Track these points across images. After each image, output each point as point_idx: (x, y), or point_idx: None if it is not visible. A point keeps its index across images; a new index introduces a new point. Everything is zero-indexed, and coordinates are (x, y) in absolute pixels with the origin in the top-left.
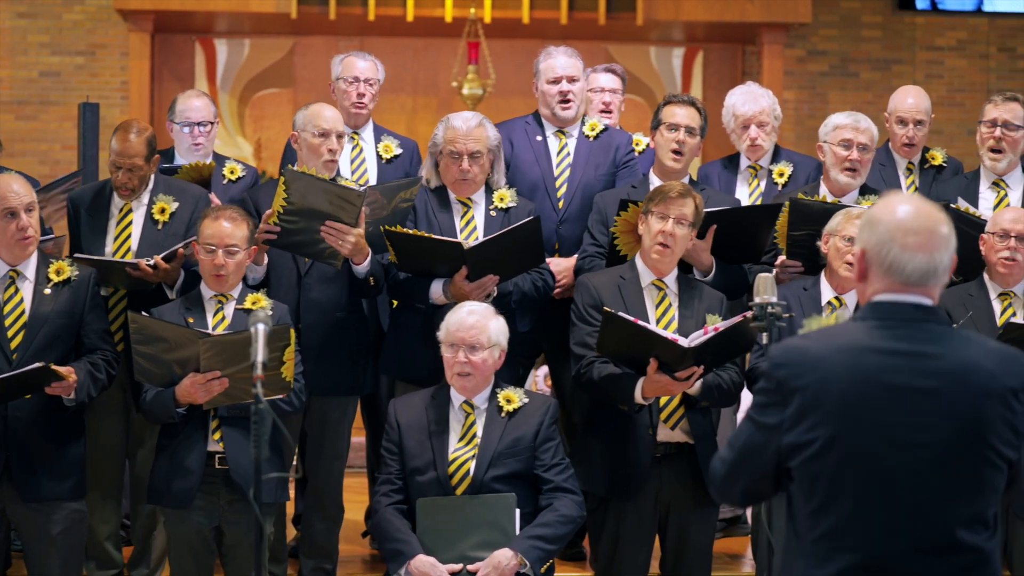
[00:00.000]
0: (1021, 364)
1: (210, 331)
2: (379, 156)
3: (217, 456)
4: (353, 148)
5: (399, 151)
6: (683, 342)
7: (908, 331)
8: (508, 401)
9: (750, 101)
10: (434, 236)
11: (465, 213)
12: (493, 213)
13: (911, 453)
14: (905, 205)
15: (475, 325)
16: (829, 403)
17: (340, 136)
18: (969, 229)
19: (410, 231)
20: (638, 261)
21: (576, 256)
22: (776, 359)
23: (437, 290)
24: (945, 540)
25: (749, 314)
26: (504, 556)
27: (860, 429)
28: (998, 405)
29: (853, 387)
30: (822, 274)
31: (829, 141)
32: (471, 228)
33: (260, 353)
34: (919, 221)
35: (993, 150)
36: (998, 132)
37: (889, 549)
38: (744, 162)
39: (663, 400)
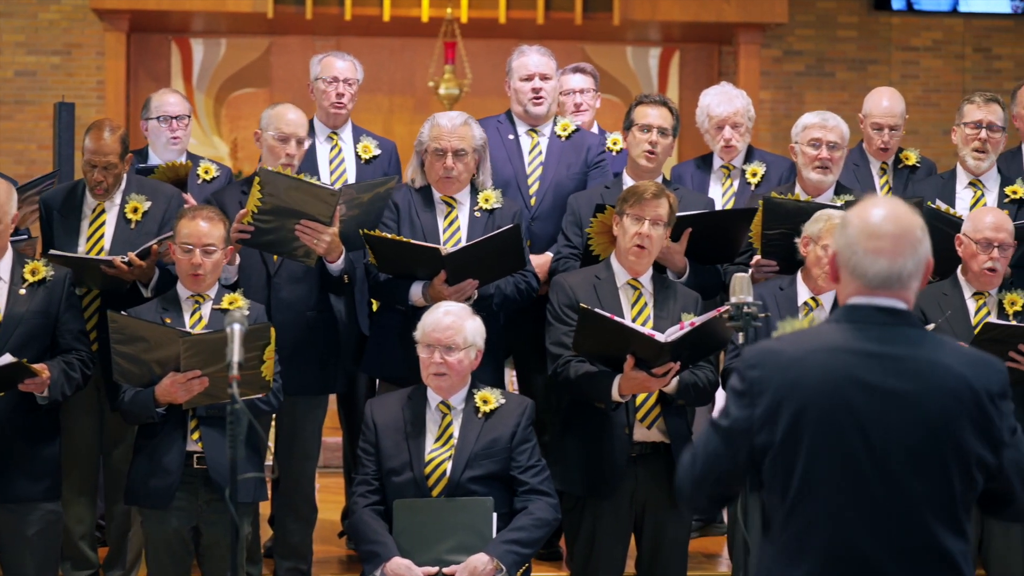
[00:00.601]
0: (996, 369)
1: (189, 331)
2: (358, 156)
3: (195, 456)
4: (332, 149)
5: (378, 152)
6: (660, 337)
7: (881, 333)
8: (485, 402)
9: (724, 102)
10: (412, 241)
11: (449, 213)
12: (478, 214)
13: (884, 453)
14: (878, 209)
15: (451, 326)
16: (801, 402)
17: (300, 141)
18: (946, 228)
19: (388, 235)
20: (613, 261)
21: (549, 253)
22: (748, 360)
23: (416, 292)
24: (919, 542)
25: (724, 309)
26: (480, 560)
27: (833, 428)
28: (972, 408)
29: (826, 386)
30: (798, 274)
31: (799, 141)
32: (454, 228)
33: (236, 353)
34: (886, 226)
35: (977, 151)
36: (983, 134)
37: (861, 548)
38: (717, 162)
39: (639, 399)
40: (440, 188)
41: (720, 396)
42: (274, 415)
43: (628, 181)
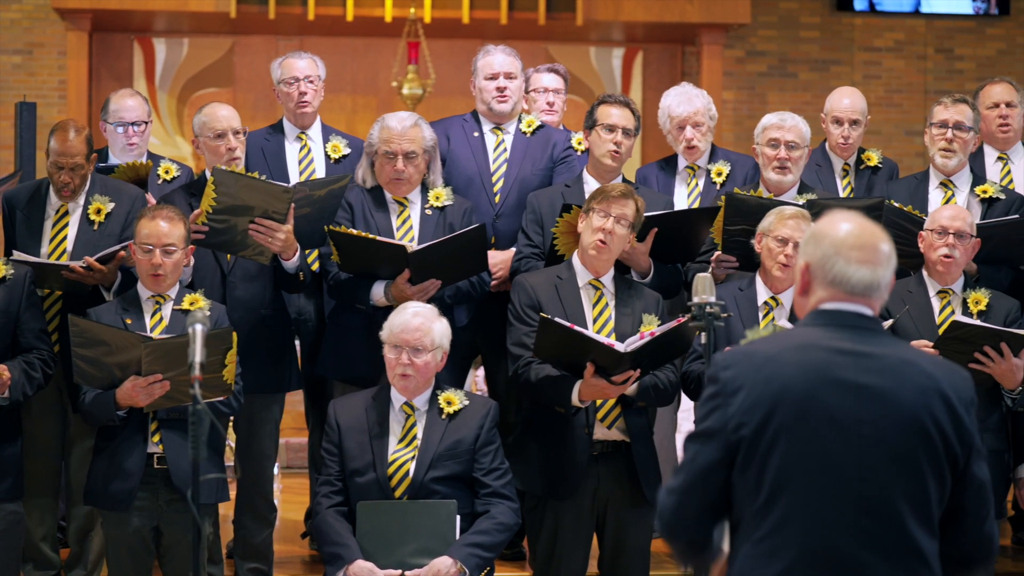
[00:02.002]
0: (964, 377)
1: (148, 332)
2: (327, 156)
3: (156, 457)
4: (301, 148)
5: (348, 151)
6: (619, 347)
7: (853, 334)
8: (449, 403)
9: (684, 102)
10: (379, 238)
11: (401, 212)
12: (429, 212)
13: (860, 449)
14: (848, 223)
15: (420, 327)
16: (776, 398)
17: (237, 132)
18: (909, 225)
19: (354, 232)
20: (575, 261)
21: (513, 249)
22: (721, 363)
23: (378, 292)
24: (895, 538)
25: (685, 318)
26: (444, 564)
27: (807, 422)
28: (944, 408)
29: (800, 382)
30: (757, 274)
31: (759, 142)
32: (407, 227)
33: (198, 354)
34: (863, 238)
35: (944, 149)
36: (949, 134)
37: (837, 545)
38: (682, 163)
39: (598, 403)
40: (391, 189)
41: (685, 401)
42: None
43: (589, 180)
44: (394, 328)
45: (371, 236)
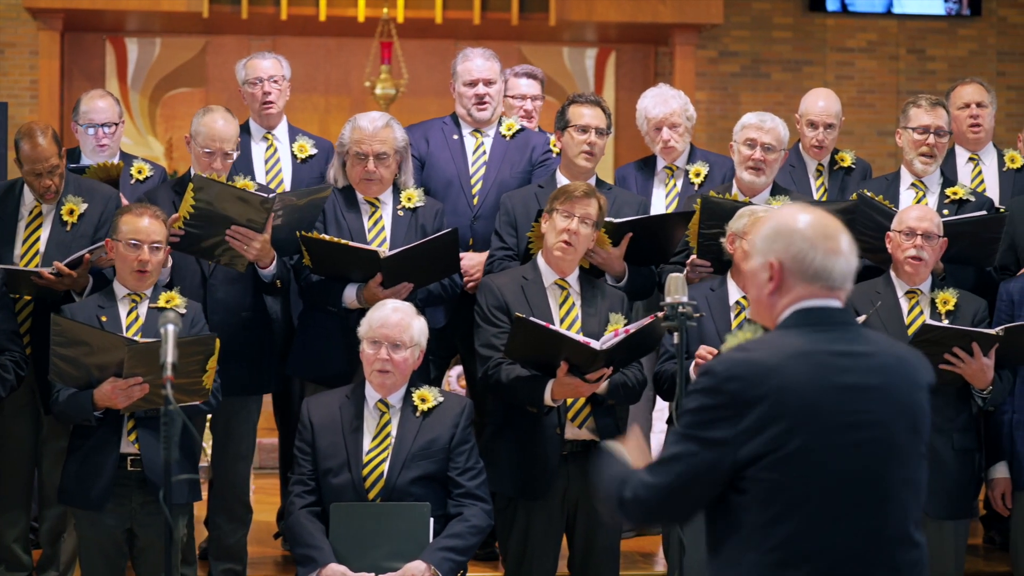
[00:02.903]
0: (927, 363)
1: (124, 329)
2: (294, 156)
3: (130, 458)
4: (267, 148)
5: (314, 151)
6: (595, 345)
7: (841, 333)
8: (423, 400)
9: (661, 103)
10: (351, 244)
11: (373, 213)
12: (400, 213)
13: (869, 451)
14: (807, 214)
15: (399, 323)
16: (792, 409)
17: (227, 155)
18: (880, 217)
19: (326, 238)
20: (540, 261)
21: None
22: (723, 373)
23: (351, 295)
24: (900, 536)
25: (658, 315)
26: (417, 568)
27: (824, 432)
28: (925, 396)
29: (812, 391)
30: (728, 275)
31: (737, 140)
32: (379, 228)
33: (170, 355)
34: (829, 228)
35: (925, 155)
36: (931, 139)
37: (854, 551)
38: (660, 163)
39: (568, 401)
40: (362, 190)
41: (659, 401)
42: (209, 416)
43: (562, 181)
44: (373, 324)
45: (343, 242)
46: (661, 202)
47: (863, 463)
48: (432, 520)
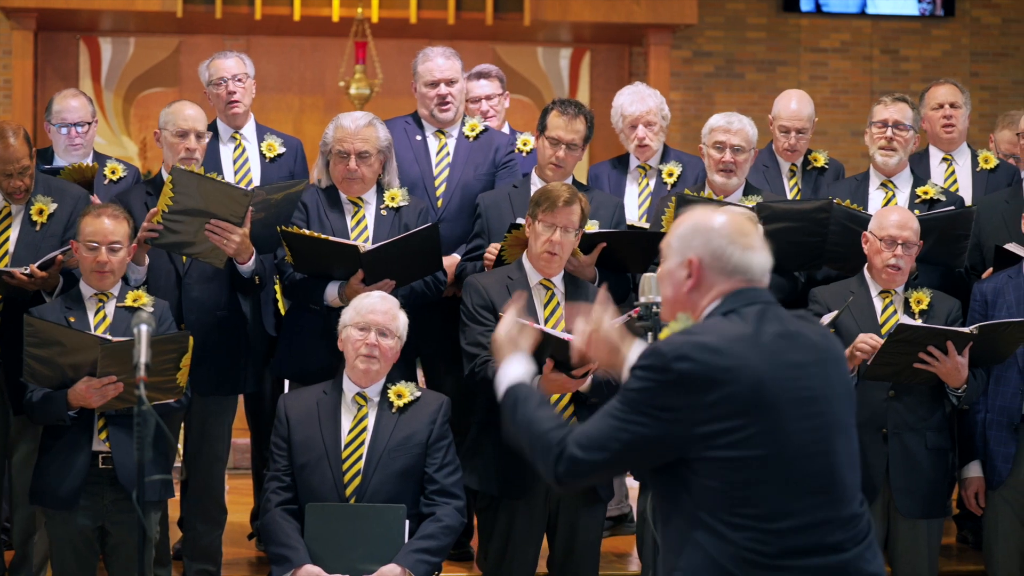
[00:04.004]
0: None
1: (92, 329)
2: (262, 155)
3: (101, 456)
4: (236, 148)
5: (283, 149)
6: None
7: (773, 313)
8: (399, 396)
9: (637, 101)
10: (331, 239)
11: (356, 212)
12: (384, 212)
13: (820, 423)
14: (720, 214)
15: (388, 311)
16: (746, 390)
17: (200, 135)
18: (855, 226)
19: (307, 232)
20: (525, 261)
21: (456, 255)
22: (671, 353)
23: (332, 292)
24: (851, 510)
25: (632, 314)
26: (392, 572)
27: (779, 410)
28: (847, 369)
29: (765, 371)
30: None
31: (706, 143)
32: (362, 227)
33: (143, 355)
34: (743, 225)
35: (884, 148)
36: (889, 132)
37: (815, 522)
38: (633, 162)
39: (553, 399)
40: (345, 189)
41: None
42: (183, 417)
43: (536, 181)
44: (361, 309)
45: (324, 236)
46: (634, 201)
47: (817, 437)
48: (407, 522)
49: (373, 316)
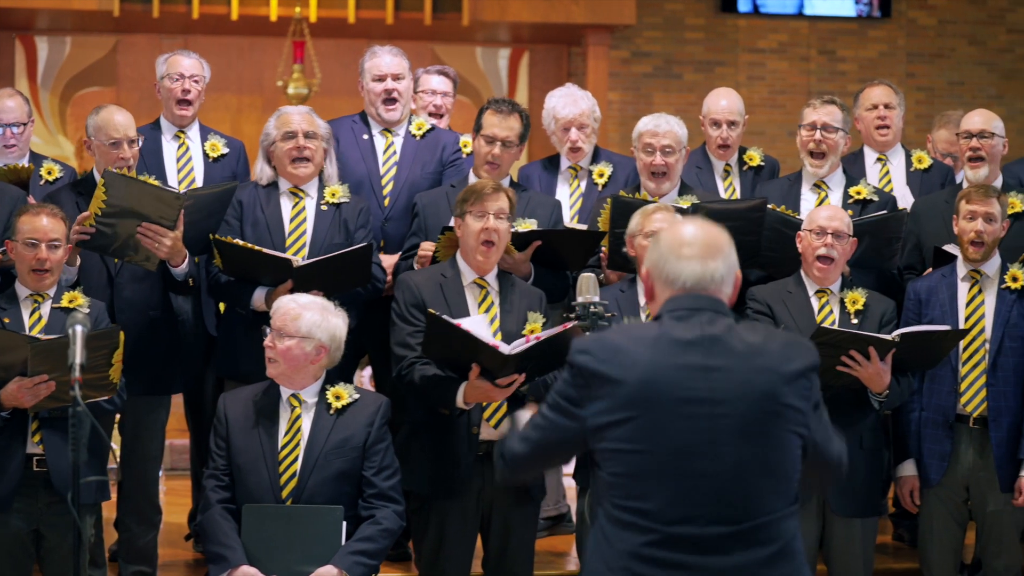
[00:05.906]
0: (806, 347)
1: (27, 330)
2: (206, 155)
3: (35, 458)
4: (179, 147)
5: (226, 150)
6: (504, 349)
7: (699, 319)
8: (337, 397)
9: (570, 104)
10: (265, 251)
11: (296, 204)
12: (324, 207)
13: (708, 424)
14: (688, 226)
15: (288, 312)
16: (631, 385)
17: (132, 142)
18: (786, 229)
19: (239, 243)
20: (459, 260)
21: (399, 255)
22: (578, 347)
23: (260, 298)
24: (745, 508)
25: (571, 324)
26: (329, 573)
27: (659, 406)
28: (785, 383)
29: (649, 368)
30: (637, 275)
31: (636, 147)
32: (300, 219)
33: (79, 355)
34: (697, 235)
35: (813, 153)
36: (818, 135)
37: (690, 521)
38: (564, 163)
39: (484, 402)
40: (291, 173)
41: None
42: (117, 416)
43: (473, 181)
44: (273, 312)
45: (257, 248)
46: (565, 202)
47: (699, 438)
48: (345, 524)
49: (274, 318)
